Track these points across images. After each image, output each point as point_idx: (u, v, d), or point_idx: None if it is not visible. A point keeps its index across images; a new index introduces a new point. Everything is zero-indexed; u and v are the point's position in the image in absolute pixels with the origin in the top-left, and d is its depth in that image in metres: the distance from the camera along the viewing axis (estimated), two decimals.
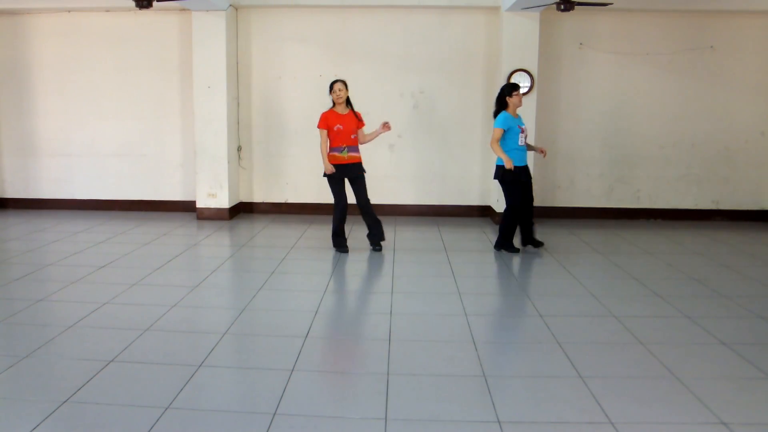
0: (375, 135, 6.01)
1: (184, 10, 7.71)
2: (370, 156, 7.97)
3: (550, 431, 2.70)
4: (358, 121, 5.93)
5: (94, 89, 8.11)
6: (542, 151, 6.21)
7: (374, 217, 6.05)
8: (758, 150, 8.00)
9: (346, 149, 5.84)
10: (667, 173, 8.06)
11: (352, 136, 5.86)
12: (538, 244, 6.19)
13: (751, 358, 3.50)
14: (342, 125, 5.81)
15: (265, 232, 7.09)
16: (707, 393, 3.04)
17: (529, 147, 6.16)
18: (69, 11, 7.97)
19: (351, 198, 6.07)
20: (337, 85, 5.83)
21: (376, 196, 8.06)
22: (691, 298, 4.69)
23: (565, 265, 5.64)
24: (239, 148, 8.08)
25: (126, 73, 8.05)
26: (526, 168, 6.03)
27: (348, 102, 5.92)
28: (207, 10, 7.41)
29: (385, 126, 5.88)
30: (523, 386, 3.18)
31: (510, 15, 7.34)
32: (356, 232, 7.07)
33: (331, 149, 5.87)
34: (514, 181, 5.88)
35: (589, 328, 4.01)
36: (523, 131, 5.93)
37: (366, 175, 6.02)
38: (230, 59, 7.69)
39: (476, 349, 3.60)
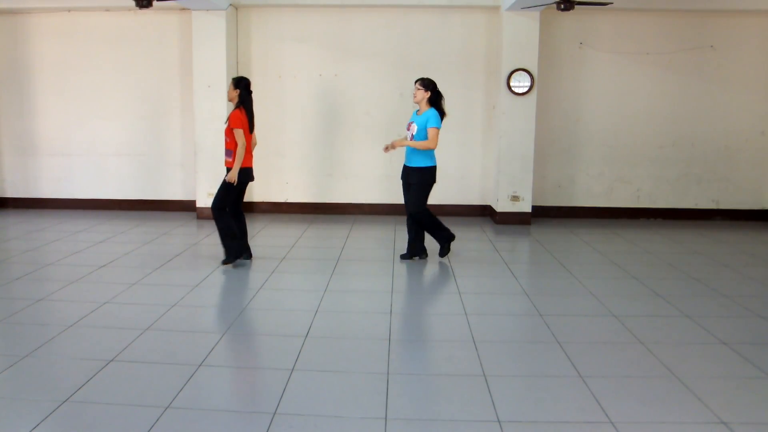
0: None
1: (184, 9, 7.71)
2: (370, 156, 8.01)
3: (550, 431, 2.70)
4: (228, 123, 5.29)
5: (94, 89, 8.11)
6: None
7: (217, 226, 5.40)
8: (758, 149, 8.00)
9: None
10: (667, 173, 8.06)
11: (226, 139, 5.32)
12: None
13: (751, 357, 3.50)
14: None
15: (264, 232, 7.09)
16: (707, 392, 3.04)
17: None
18: (69, 11, 7.96)
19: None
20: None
21: (376, 196, 8.13)
22: (691, 297, 4.69)
23: (565, 265, 5.64)
24: None
25: (126, 72, 8.05)
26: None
27: (240, 101, 5.32)
28: (207, 10, 7.41)
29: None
30: (523, 386, 3.19)
31: (510, 14, 7.34)
32: (355, 232, 7.07)
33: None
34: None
35: (589, 328, 4.01)
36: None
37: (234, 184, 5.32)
38: (230, 59, 7.69)
39: (476, 349, 3.60)
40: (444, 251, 5.75)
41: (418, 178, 5.44)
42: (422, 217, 5.56)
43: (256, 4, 7.77)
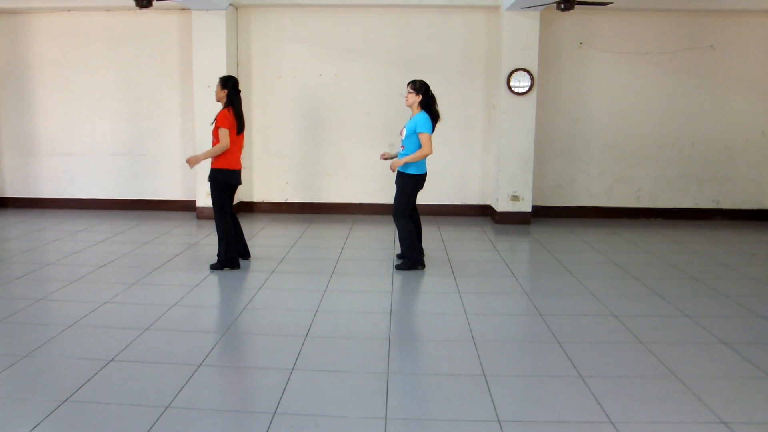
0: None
1: (184, 9, 7.71)
2: (370, 156, 8.01)
3: (550, 430, 2.70)
4: (215, 122, 5.19)
5: (94, 89, 8.11)
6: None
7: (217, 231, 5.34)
8: (758, 149, 8.00)
9: None
10: (667, 172, 8.06)
11: (214, 140, 5.23)
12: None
13: (751, 357, 3.50)
14: None
15: (264, 232, 7.09)
16: (707, 392, 3.04)
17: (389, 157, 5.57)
18: (69, 10, 7.96)
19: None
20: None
21: (376, 196, 8.13)
22: (691, 297, 4.69)
23: (565, 265, 5.64)
24: None
25: (126, 72, 8.05)
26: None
27: (228, 101, 5.21)
28: (207, 10, 7.41)
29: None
30: (523, 385, 3.19)
31: (510, 14, 7.34)
32: (355, 231, 7.07)
33: None
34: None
35: (589, 328, 4.01)
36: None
37: (240, 186, 5.47)
38: (230, 58, 7.69)
39: (476, 349, 3.60)
40: (402, 266, 5.36)
41: (401, 183, 5.27)
42: (399, 224, 5.29)
43: (256, 4, 7.77)
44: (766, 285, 5.10)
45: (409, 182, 5.26)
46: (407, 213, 5.34)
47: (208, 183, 5.34)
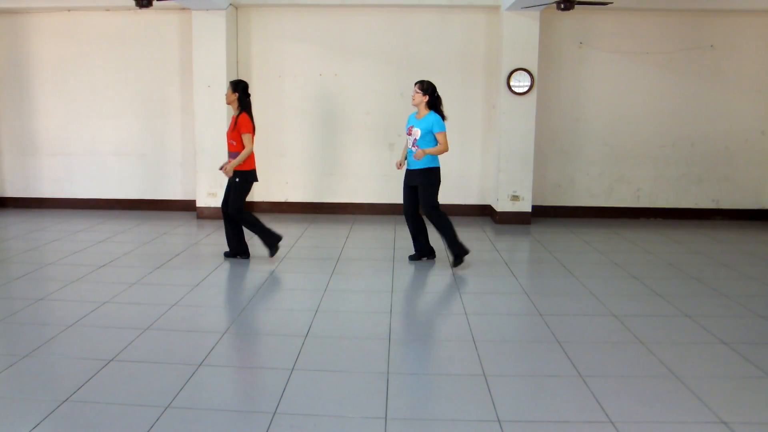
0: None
1: (184, 9, 7.71)
2: (369, 155, 8.01)
3: (550, 430, 2.70)
4: (234, 127, 5.37)
5: (94, 88, 8.11)
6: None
7: (233, 228, 5.57)
8: (758, 149, 8.00)
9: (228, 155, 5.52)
10: (667, 172, 8.06)
11: (232, 143, 5.39)
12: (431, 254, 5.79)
13: (751, 357, 3.50)
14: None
15: None
16: (707, 392, 3.04)
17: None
18: (69, 10, 7.96)
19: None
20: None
21: (376, 196, 8.13)
22: (691, 297, 4.69)
23: (565, 264, 5.64)
24: None
25: (126, 72, 8.05)
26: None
27: (240, 105, 5.39)
28: (207, 10, 7.41)
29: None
30: (523, 385, 3.19)
31: (510, 14, 7.34)
32: (355, 231, 7.07)
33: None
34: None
35: (589, 327, 4.01)
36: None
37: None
38: (230, 58, 7.69)
39: (476, 348, 3.60)
40: (414, 257, 5.62)
41: (426, 179, 5.38)
42: (436, 219, 5.40)
43: (256, 4, 7.77)
44: (766, 285, 5.10)
45: (429, 177, 5.40)
46: (438, 203, 5.46)
47: (232, 186, 5.48)
